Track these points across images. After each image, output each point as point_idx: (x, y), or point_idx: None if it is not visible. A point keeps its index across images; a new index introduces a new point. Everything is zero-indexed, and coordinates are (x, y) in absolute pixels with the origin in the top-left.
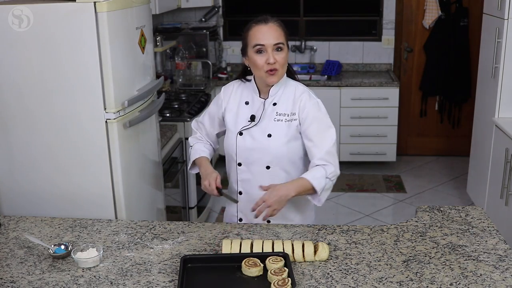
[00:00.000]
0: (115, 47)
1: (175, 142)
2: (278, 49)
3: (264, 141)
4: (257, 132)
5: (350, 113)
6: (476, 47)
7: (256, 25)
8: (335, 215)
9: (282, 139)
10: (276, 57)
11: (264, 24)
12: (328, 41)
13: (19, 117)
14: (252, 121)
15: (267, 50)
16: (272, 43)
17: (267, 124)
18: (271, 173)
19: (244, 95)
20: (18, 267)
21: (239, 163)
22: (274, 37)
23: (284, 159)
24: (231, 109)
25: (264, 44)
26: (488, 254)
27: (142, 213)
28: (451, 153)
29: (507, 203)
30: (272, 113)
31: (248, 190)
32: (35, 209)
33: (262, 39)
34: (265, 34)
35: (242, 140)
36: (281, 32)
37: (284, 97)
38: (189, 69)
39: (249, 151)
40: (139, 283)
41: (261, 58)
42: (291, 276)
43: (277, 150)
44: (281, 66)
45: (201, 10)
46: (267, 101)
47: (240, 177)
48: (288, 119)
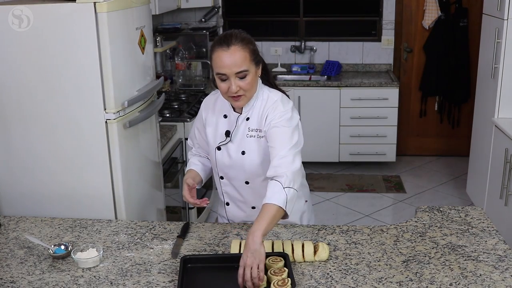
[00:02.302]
0: (115, 47)
1: (175, 143)
2: (242, 77)
3: (238, 158)
4: (232, 148)
5: (350, 113)
6: (475, 48)
7: (218, 49)
8: (335, 215)
9: (255, 156)
10: (239, 84)
11: (226, 49)
12: (328, 41)
13: (19, 117)
14: (227, 137)
15: (230, 78)
16: (234, 71)
17: (240, 140)
18: (252, 187)
19: (223, 108)
20: (18, 267)
21: (221, 176)
22: (236, 64)
23: (261, 175)
24: (210, 122)
25: (225, 73)
26: (487, 254)
27: (142, 213)
28: (450, 153)
29: (507, 203)
30: (245, 129)
31: (234, 201)
32: (35, 209)
33: (223, 67)
34: (226, 62)
35: (220, 155)
36: (245, 55)
37: (255, 112)
38: (189, 70)
39: (227, 167)
40: (139, 283)
41: (224, 85)
42: (291, 276)
43: (251, 167)
44: (247, 91)
45: (201, 10)
46: (240, 117)
47: (224, 189)
48: (259, 135)
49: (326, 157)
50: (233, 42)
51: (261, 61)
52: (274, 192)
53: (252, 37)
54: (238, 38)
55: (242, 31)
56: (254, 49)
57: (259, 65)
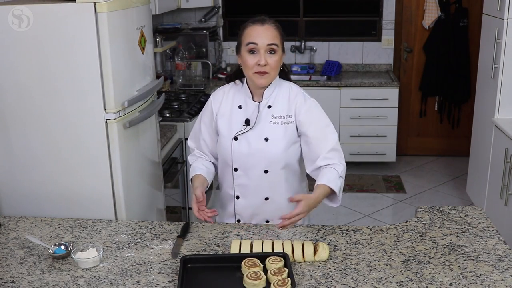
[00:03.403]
0: (115, 47)
1: (175, 143)
2: (271, 52)
3: (261, 145)
4: (253, 136)
5: (350, 113)
6: (475, 48)
7: (253, 24)
8: (334, 215)
9: (280, 142)
10: (267, 60)
11: (261, 25)
12: (327, 41)
13: (19, 117)
14: (247, 125)
15: (260, 51)
16: (266, 43)
17: (263, 127)
18: (269, 177)
19: (236, 99)
20: (18, 267)
21: (235, 168)
22: (268, 37)
23: (282, 162)
24: (223, 114)
25: (257, 43)
26: (487, 254)
27: (142, 213)
28: (450, 153)
29: (507, 203)
30: (267, 116)
31: (245, 194)
32: (35, 209)
33: (256, 37)
34: (260, 34)
35: (237, 145)
36: (277, 34)
37: (279, 99)
38: (189, 70)
39: (245, 156)
40: (139, 283)
41: (252, 59)
42: (291, 276)
43: (275, 154)
44: (272, 69)
45: (201, 10)
46: (261, 104)
47: (236, 182)
48: (284, 121)
49: None
50: (267, 22)
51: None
52: (333, 178)
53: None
54: (272, 20)
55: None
56: (282, 34)
57: (283, 52)
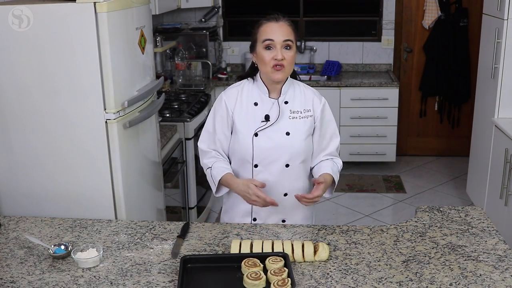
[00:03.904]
0: (115, 47)
1: (175, 143)
2: (287, 47)
3: (282, 139)
4: (273, 131)
5: (350, 113)
6: (475, 48)
7: (268, 22)
8: (335, 215)
9: (301, 135)
10: (284, 54)
11: (275, 22)
12: (328, 41)
13: (19, 117)
14: (267, 121)
15: (276, 47)
16: (282, 39)
17: (283, 122)
18: (291, 171)
19: (251, 96)
20: (18, 267)
21: (256, 164)
22: (284, 34)
23: (302, 156)
24: (239, 112)
25: (273, 40)
26: (487, 254)
27: (142, 213)
28: (450, 153)
29: (507, 203)
30: (286, 111)
31: (265, 190)
32: (35, 209)
33: (272, 34)
34: (276, 31)
35: (258, 141)
36: (291, 31)
37: (296, 96)
38: (189, 70)
39: (267, 151)
40: (139, 283)
41: (269, 54)
42: (291, 276)
43: (297, 147)
44: (289, 64)
45: (201, 10)
46: (280, 100)
47: (256, 178)
48: (302, 116)
49: None
50: (282, 19)
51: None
52: (336, 170)
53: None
54: (285, 18)
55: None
56: (296, 32)
57: (296, 51)
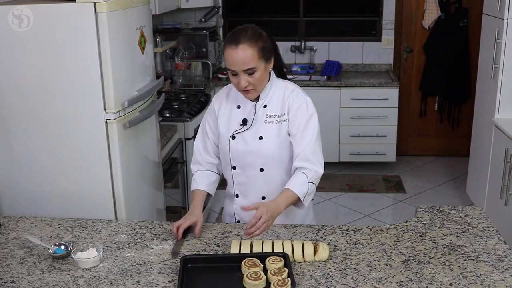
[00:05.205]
0: (115, 47)
1: (175, 143)
2: (250, 73)
3: (256, 143)
4: (249, 135)
5: (350, 113)
6: (475, 48)
7: (228, 47)
8: (334, 215)
9: (273, 140)
10: (248, 80)
11: (235, 48)
12: (327, 41)
13: (19, 117)
14: (244, 125)
15: (239, 74)
16: (242, 69)
17: (258, 127)
18: (265, 175)
19: (235, 99)
20: (18, 267)
21: (234, 166)
22: (244, 62)
23: (276, 160)
24: (223, 114)
25: (234, 70)
26: (487, 254)
27: (142, 213)
28: (450, 153)
29: (507, 203)
30: (262, 115)
31: (244, 192)
32: (35, 209)
33: (232, 64)
34: (235, 60)
35: (234, 144)
36: (253, 53)
37: (274, 98)
38: (189, 70)
39: (242, 155)
40: (139, 283)
41: (235, 80)
42: (291, 276)
43: (269, 152)
44: (256, 85)
45: (201, 10)
46: (257, 104)
47: (236, 180)
48: (278, 120)
49: (326, 157)
50: (241, 41)
51: (272, 56)
52: (299, 183)
53: (263, 32)
54: (247, 36)
55: (254, 26)
56: (263, 46)
57: (269, 60)
